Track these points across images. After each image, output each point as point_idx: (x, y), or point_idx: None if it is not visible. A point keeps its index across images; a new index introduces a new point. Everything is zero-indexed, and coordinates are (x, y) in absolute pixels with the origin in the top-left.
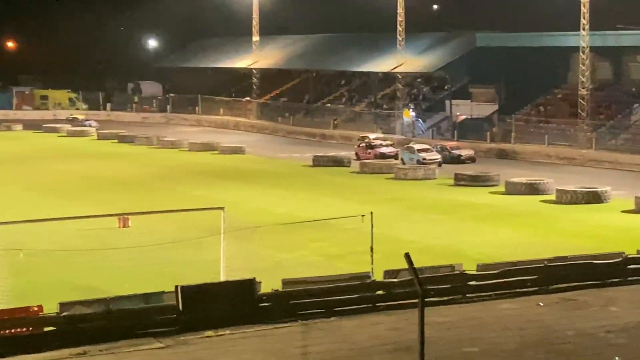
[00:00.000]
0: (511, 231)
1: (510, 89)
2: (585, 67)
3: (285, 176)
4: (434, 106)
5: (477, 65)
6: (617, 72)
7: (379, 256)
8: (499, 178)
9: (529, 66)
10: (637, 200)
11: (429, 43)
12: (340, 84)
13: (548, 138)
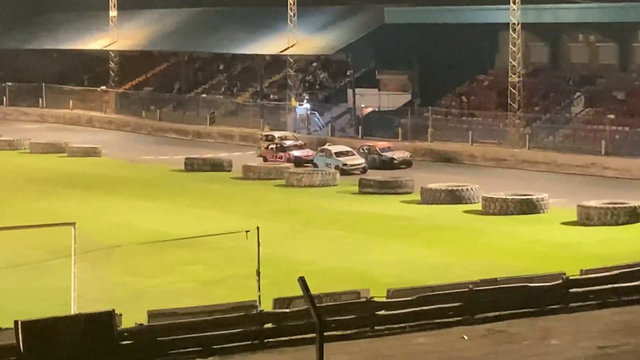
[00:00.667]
0: (428, 249)
1: (426, 76)
2: (517, 48)
3: (151, 184)
4: (334, 96)
5: (386, 47)
6: (555, 55)
7: (268, 281)
8: (412, 184)
9: (449, 47)
10: (580, 210)
11: (326, 19)
12: (218, 70)
13: (472, 135)
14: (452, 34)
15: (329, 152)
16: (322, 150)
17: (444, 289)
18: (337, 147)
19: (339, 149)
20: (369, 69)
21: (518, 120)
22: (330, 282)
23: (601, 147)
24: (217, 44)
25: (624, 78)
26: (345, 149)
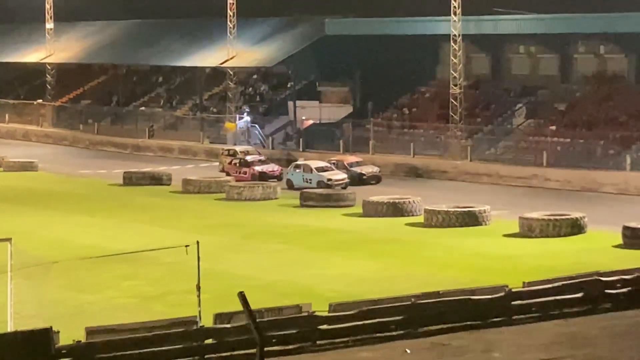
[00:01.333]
0: (371, 262)
1: (368, 88)
2: (458, 59)
3: (89, 198)
4: (275, 109)
5: (327, 59)
6: (496, 66)
7: (208, 296)
8: (354, 197)
9: (390, 59)
10: (522, 222)
11: (266, 31)
12: (157, 82)
13: (414, 147)
14: (393, 46)
15: (308, 167)
16: (297, 166)
17: (386, 302)
18: (317, 162)
19: (318, 164)
20: (309, 81)
21: (460, 132)
22: (271, 297)
23: (543, 159)
24: (156, 56)
25: (565, 89)
26: (323, 164)
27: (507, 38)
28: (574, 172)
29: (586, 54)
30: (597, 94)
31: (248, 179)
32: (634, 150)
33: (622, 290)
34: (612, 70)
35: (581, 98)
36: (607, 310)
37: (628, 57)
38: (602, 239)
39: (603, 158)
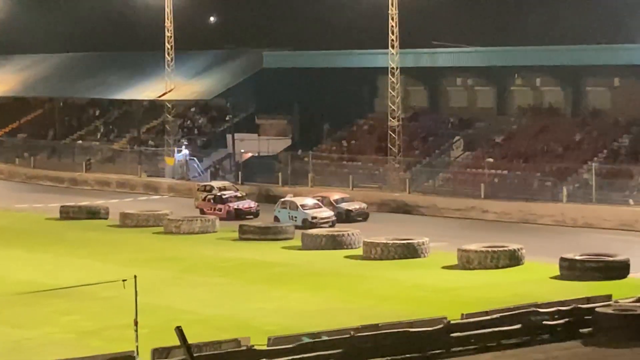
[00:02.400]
0: (309, 295)
1: (306, 120)
2: (396, 92)
3: (25, 233)
4: (213, 141)
5: (265, 91)
6: (434, 99)
7: (146, 331)
8: (294, 230)
9: (329, 92)
10: (460, 254)
11: (205, 64)
12: (94, 116)
13: (353, 179)
14: (332, 79)
15: (293, 204)
16: (284, 202)
17: (325, 335)
18: (303, 199)
19: (305, 201)
20: (248, 114)
21: (398, 164)
22: (210, 331)
23: (480, 191)
24: (94, 89)
25: (502, 121)
26: (310, 201)
27: (444, 71)
28: (511, 204)
29: (523, 86)
30: (533, 126)
31: (223, 216)
32: (570, 182)
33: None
34: (548, 103)
35: (518, 130)
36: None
37: (564, 89)
38: (540, 270)
39: (540, 190)
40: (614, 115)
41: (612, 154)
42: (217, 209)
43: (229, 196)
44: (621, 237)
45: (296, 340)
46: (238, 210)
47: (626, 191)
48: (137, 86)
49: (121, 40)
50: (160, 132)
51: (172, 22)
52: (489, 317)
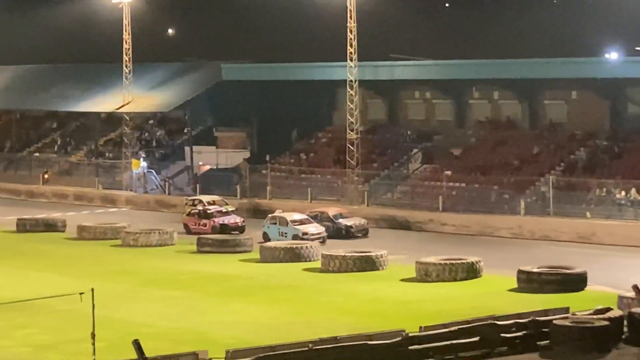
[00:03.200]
0: (268, 308)
1: (265, 133)
2: (354, 105)
3: None
4: (171, 154)
5: (224, 104)
6: (393, 112)
7: (104, 344)
8: (252, 242)
9: (287, 105)
10: (418, 266)
11: (163, 76)
12: (51, 128)
13: (311, 192)
14: (290, 91)
15: (283, 220)
16: (273, 218)
17: (283, 349)
18: (293, 214)
19: (295, 216)
20: (206, 127)
21: (356, 177)
22: (168, 344)
23: (439, 204)
24: (51, 101)
25: (460, 134)
26: (301, 217)
27: (403, 84)
28: (469, 217)
29: (481, 99)
30: (491, 139)
31: (208, 231)
32: (528, 195)
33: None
34: (506, 116)
35: (476, 143)
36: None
37: (521, 102)
38: (498, 283)
39: (498, 203)
40: (571, 128)
41: (569, 167)
42: (201, 224)
43: (214, 211)
44: (578, 250)
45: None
46: (224, 226)
47: (583, 204)
48: (94, 98)
49: (79, 53)
50: (117, 145)
51: (131, 35)
52: (447, 330)
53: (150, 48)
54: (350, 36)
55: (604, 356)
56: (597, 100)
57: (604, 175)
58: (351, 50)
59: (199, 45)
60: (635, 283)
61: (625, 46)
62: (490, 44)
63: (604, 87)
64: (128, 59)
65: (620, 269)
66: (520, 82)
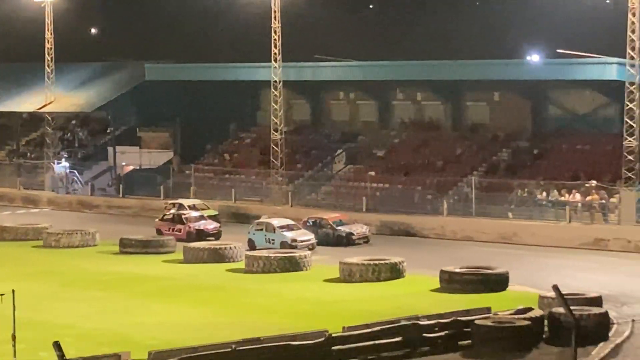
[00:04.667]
0: (191, 309)
1: (189, 133)
2: (279, 105)
3: None
4: (94, 154)
5: (148, 104)
6: (317, 112)
7: (24, 346)
8: (175, 243)
9: (211, 105)
10: (342, 267)
11: (86, 76)
12: None
13: (235, 192)
14: (215, 92)
15: (270, 226)
16: (259, 224)
17: (207, 349)
18: (280, 220)
19: (282, 222)
20: (130, 127)
21: (281, 177)
22: (90, 345)
23: (362, 204)
24: None
25: (384, 135)
26: (288, 222)
27: (327, 85)
28: (392, 217)
29: (404, 100)
30: (414, 140)
31: (183, 237)
32: (451, 196)
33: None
34: (429, 117)
35: (399, 144)
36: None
37: (444, 103)
38: (421, 283)
39: (421, 203)
40: (493, 129)
41: (491, 167)
42: (175, 230)
43: (189, 216)
44: (500, 250)
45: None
46: (200, 231)
47: (505, 205)
48: (16, 98)
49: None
50: (39, 145)
51: (53, 34)
52: (370, 330)
53: (73, 47)
54: (275, 37)
55: (525, 355)
56: (518, 102)
57: (525, 176)
58: (275, 51)
59: (122, 45)
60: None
61: (547, 48)
62: (414, 46)
63: (525, 88)
64: (50, 58)
65: (541, 269)
66: (443, 84)
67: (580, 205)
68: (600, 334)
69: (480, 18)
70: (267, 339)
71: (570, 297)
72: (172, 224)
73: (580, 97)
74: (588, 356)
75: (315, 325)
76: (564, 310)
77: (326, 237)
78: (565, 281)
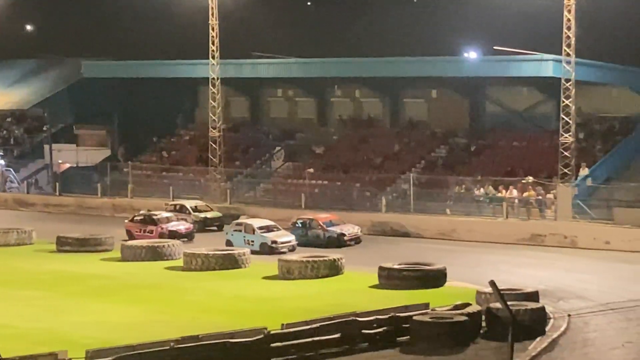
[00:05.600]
0: (130, 307)
1: (127, 131)
2: (217, 103)
3: None
4: (30, 152)
5: (84, 101)
6: (255, 110)
7: None
8: (113, 241)
9: (149, 102)
10: (281, 264)
11: (22, 73)
12: None
13: (173, 190)
14: (152, 89)
15: (249, 227)
16: (238, 224)
17: (144, 348)
18: (259, 220)
19: (262, 223)
20: (66, 124)
21: (219, 175)
22: (27, 345)
23: (301, 201)
24: None
25: (323, 133)
26: (268, 223)
27: (265, 82)
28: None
29: (343, 97)
30: (353, 137)
31: (155, 238)
32: (389, 192)
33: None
34: (367, 114)
35: (338, 141)
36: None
37: (382, 100)
38: (359, 279)
39: (360, 200)
40: (431, 126)
41: (429, 164)
42: (147, 231)
43: (161, 217)
44: (439, 246)
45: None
46: (173, 232)
47: (443, 201)
48: None
49: None
50: None
51: None
52: (309, 327)
53: (8, 44)
54: (213, 34)
55: (463, 351)
56: (456, 99)
57: (463, 173)
58: (213, 48)
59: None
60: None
61: (484, 45)
62: (353, 43)
63: (463, 85)
64: None
65: (479, 265)
66: (381, 81)
67: (517, 201)
68: (537, 328)
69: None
70: (206, 336)
71: (507, 292)
72: (143, 226)
73: (517, 94)
74: (525, 351)
75: (254, 322)
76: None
77: (316, 238)
78: (503, 277)
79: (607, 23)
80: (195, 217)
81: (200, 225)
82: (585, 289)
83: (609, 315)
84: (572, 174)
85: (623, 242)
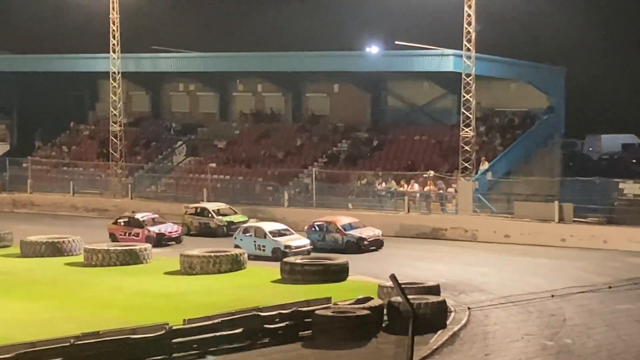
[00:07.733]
0: (28, 304)
1: (25, 125)
2: (118, 97)
3: None
4: None
5: None
6: (156, 104)
7: None
8: (12, 237)
9: (48, 96)
10: (183, 259)
11: None
12: None
13: (74, 185)
14: (52, 83)
15: (260, 231)
16: (247, 229)
17: (44, 345)
18: (270, 224)
19: (273, 226)
20: None
21: (120, 170)
22: None
23: (203, 196)
24: None
25: (225, 127)
26: (279, 227)
27: (166, 76)
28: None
29: (244, 92)
30: (255, 132)
31: (142, 242)
32: (292, 187)
33: (280, 325)
34: (269, 108)
35: (240, 135)
36: (266, 344)
37: (284, 95)
38: (262, 274)
39: (262, 194)
40: (333, 121)
41: (331, 158)
42: (133, 234)
43: (147, 219)
44: None
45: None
46: (160, 235)
47: (345, 195)
48: None
49: None
50: None
51: None
52: (211, 322)
53: None
54: (113, 27)
55: (365, 344)
56: (358, 93)
57: (365, 167)
58: (114, 42)
59: None
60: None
61: (385, 40)
62: (254, 37)
63: (364, 80)
64: None
65: (381, 259)
66: (283, 75)
67: (419, 196)
68: (438, 322)
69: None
70: (107, 332)
71: (409, 286)
72: (128, 228)
73: (419, 88)
74: (427, 344)
75: (156, 318)
76: (402, 299)
77: (334, 242)
78: (404, 270)
79: (507, 19)
80: (219, 222)
81: (221, 230)
82: (485, 282)
83: (509, 308)
84: (472, 168)
85: (522, 236)
